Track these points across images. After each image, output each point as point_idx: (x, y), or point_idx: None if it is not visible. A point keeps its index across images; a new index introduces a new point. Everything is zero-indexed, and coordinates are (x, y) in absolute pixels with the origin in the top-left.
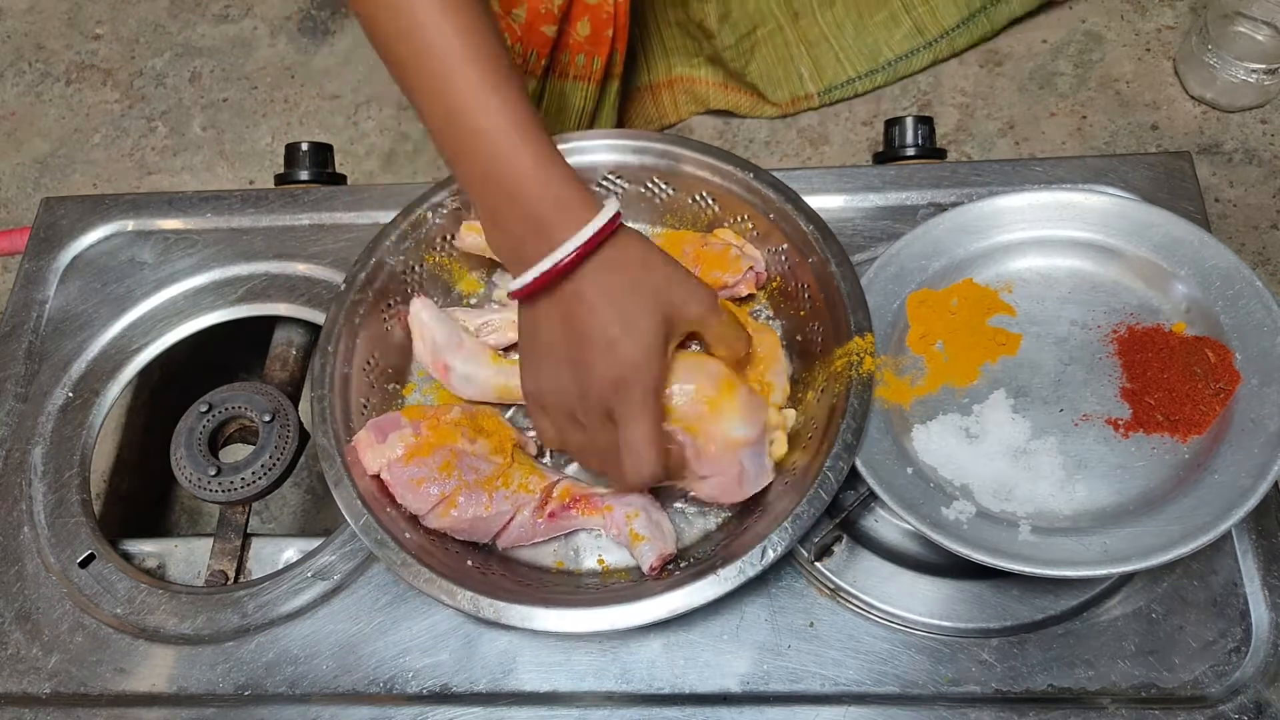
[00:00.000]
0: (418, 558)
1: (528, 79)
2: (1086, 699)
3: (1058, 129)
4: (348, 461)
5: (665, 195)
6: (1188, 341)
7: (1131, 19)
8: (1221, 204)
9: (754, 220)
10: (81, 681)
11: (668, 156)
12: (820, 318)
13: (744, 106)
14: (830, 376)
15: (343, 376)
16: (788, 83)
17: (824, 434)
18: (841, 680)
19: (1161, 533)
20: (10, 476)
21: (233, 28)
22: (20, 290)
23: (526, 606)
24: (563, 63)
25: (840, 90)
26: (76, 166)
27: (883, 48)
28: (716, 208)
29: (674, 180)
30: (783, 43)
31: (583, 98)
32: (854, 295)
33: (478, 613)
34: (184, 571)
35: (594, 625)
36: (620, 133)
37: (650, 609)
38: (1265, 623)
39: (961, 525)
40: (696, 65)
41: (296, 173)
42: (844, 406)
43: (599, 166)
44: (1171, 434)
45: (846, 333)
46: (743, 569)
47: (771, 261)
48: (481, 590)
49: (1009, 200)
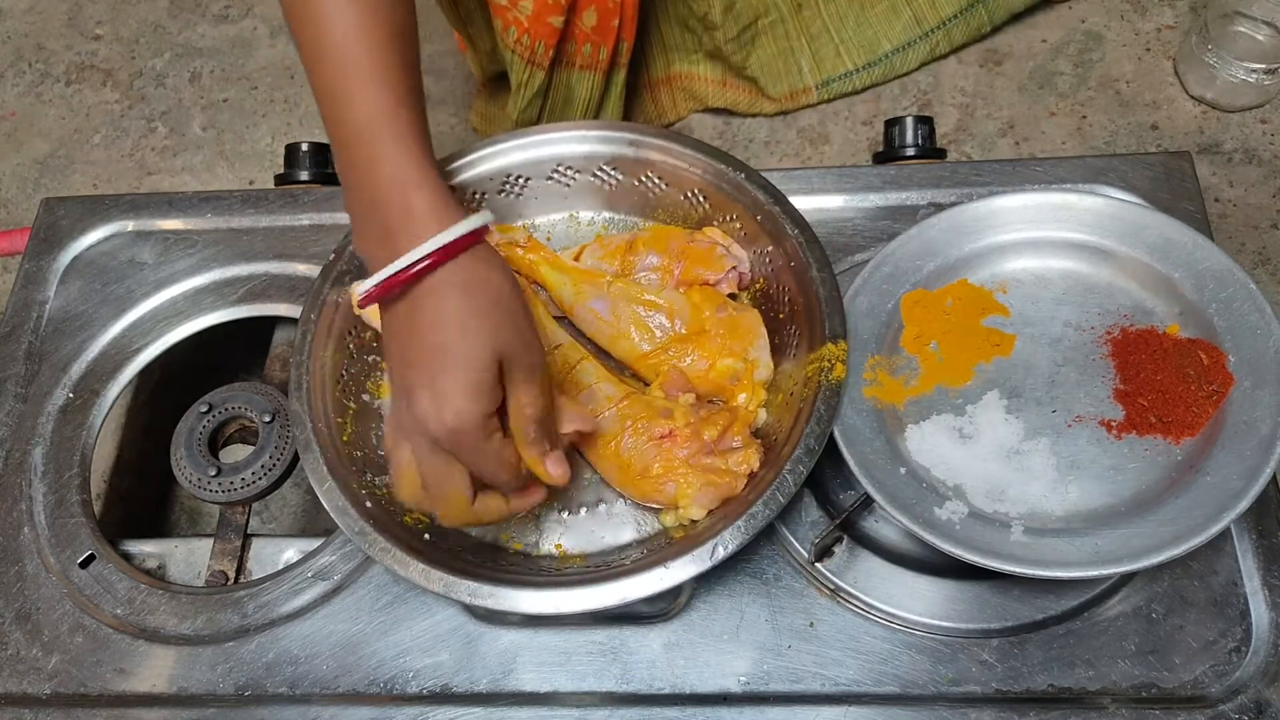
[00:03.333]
0: (376, 526)
1: (535, 72)
2: (1087, 699)
3: (1058, 129)
4: (318, 428)
5: (658, 190)
6: (1181, 343)
7: (1131, 19)
8: (1221, 204)
9: (743, 221)
10: (81, 682)
11: (662, 152)
12: (798, 322)
13: (741, 104)
14: (802, 380)
15: (322, 345)
16: (787, 76)
17: (788, 437)
18: (842, 680)
19: (1154, 534)
20: (10, 477)
21: (233, 28)
22: (20, 290)
23: (476, 583)
24: (569, 53)
25: (838, 84)
26: (76, 167)
27: (881, 39)
28: (707, 205)
29: (667, 175)
30: (784, 34)
31: (589, 88)
32: (831, 301)
33: (428, 585)
34: (184, 572)
35: (541, 607)
36: (617, 125)
37: (595, 595)
38: (1265, 622)
39: (954, 525)
40: (695, 62)
41: (296, 173)
42: (810, 411)
43: (596, 156)
44: (1164, 435)
45: (821, 338)
46: (693, 561)
47: (757, 263)
48: (436, 564)
49: (1004, 201)
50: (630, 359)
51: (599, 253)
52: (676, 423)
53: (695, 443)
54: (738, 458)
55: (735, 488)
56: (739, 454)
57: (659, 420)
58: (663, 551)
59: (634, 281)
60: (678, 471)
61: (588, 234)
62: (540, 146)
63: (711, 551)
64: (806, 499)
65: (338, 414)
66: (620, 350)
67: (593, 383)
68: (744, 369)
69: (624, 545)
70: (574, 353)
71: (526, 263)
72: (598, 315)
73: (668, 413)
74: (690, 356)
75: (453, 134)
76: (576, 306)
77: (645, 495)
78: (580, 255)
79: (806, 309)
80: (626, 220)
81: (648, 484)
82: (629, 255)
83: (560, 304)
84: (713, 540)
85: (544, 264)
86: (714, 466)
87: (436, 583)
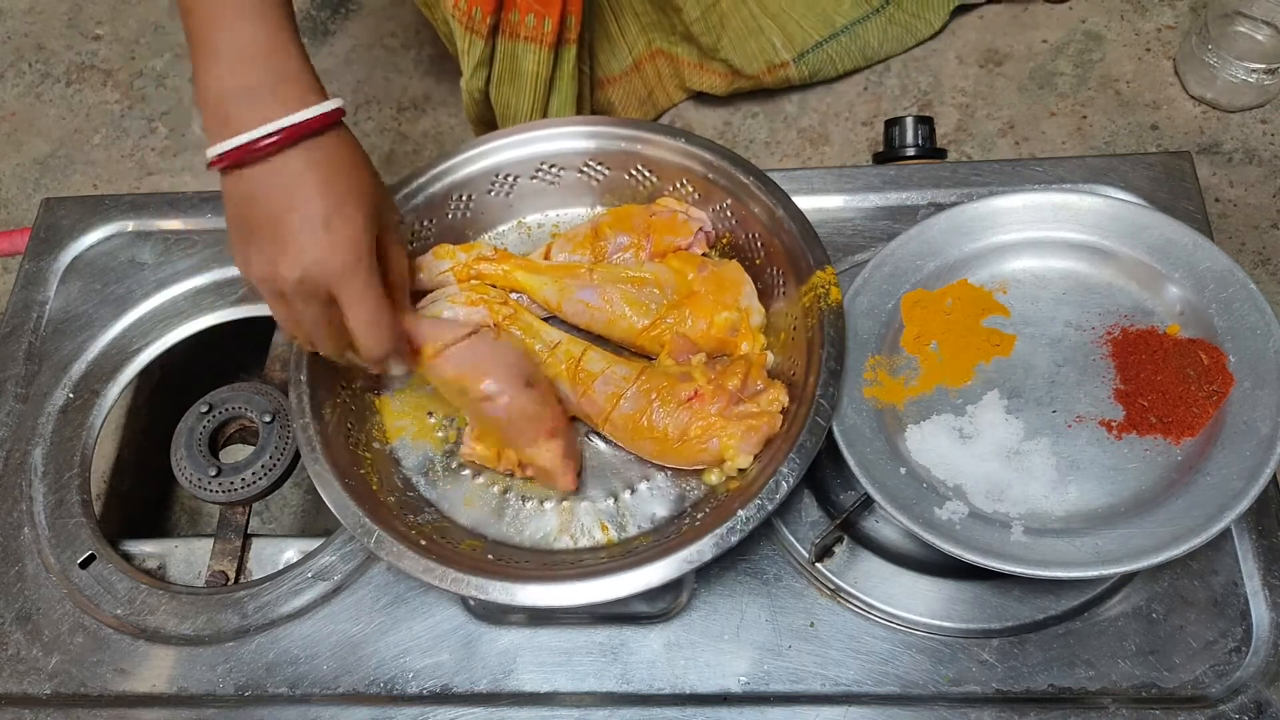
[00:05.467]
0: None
1: (474, 39)
2: (1087, 699)
3: (1058, 129)
4: (328, 434)
5: (601, 176)
6: (1181, 344)
7: (1131, 19)
8: (1221, 204)
9: (693, 183)
10: (82, 682)
11: (597, 138)
12: (777, 261)
13: (719, 87)
14: (801, 313)
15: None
16: (761, 54)
17: (807, 366)
18: (842, 680)
19: (1153, 534)
20: (10, 477)
21: None
22: (20, 291)
23: (473, 575)
24: (511, 22)
25: (814, 56)
26: (76, 167)
27: (834, 16)
28: (654, 179)
29: (608, 160)
30: (749, 14)
31: (535, 62)
32: (806, 233)
33: (430, 579)
34: (184, 572)
35: (562, 600)
36: (547, 122)
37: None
38: (1265, 622)
39: (954, 525)
40: (674, 43)
41: None
42: (821, 337)
43: (534, 157)
44: (1164, 436)
45: (807, 269)
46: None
47: (717, 219)
48: (440, 559)
49: (1004, 201)
50: (630, 337)
51: (567, 247)
52: (699, 382)
53: (723, 395)
54: (767, 397)
55: (775, 425)
56: (767, 394)
57: (681, 385)
58: (729, 500)
59: (613, 264)
60: (716, 426)
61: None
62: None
63: (776, 488)
64: (806, 499)
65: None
66: (619, 332)
67: (603, 370)
68: (739, 318)
69: (675, 516)
70: (575, 346)
71: (500, 274)
72: (588, 304)
73: (686, 376)
74: (688, 319)
75: (453, 134)
76: (564, 302)
77: (691, 458)
78: (549, 254)
79: (784, 247)
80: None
81: (689, 447)
82: (598, 242)
83: (546, 305)
84: (773, 478)
85: (518, 270)
86: (748, 412)
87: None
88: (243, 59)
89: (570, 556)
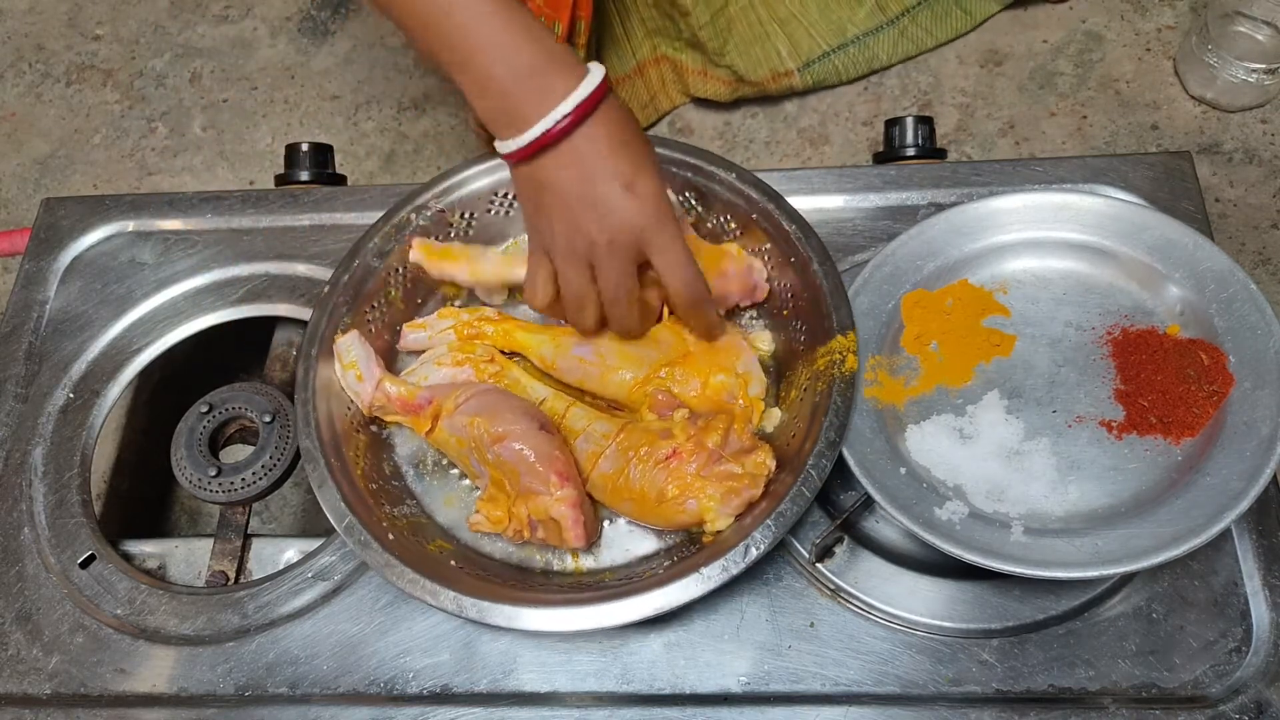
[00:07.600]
0: (401, 559)
1: None
2: (1087, 699)
3: (1058, 129)
4: (332, 465)
5: None
6: (1181, 344)
7: (1131, 19)
8: (1222, 204)
9: (736, 219)
10: (82, 682)
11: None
12: (803, 316)
13: (723, 94)
14: (813, 375)
15: (325, 380)
16: (766, 60)
17: (807, 432)
18: (842, 680)
19: (1153, 535)
20: (10, 477)
21: (233, 28)
22: (20, 291)
23: (511, 606)
24: None
25: (819, 67)
26: (77, 167)
27: (847, 25)
28: (700, 208)
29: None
30: (756, 20)
31: None
32: (836, 293)
33: (461, 612)
34: (184, 572)
35: (579, 624)
36: None
37: (636, 607)
38: (1266, 622)
39: (954, 526)
40: (679, 49)
41: (297, 173)
42: (827, 404)
43: None
44: (1164, 436)
45: (829, 331)
46: (726, 566)
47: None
48: (466, 591)
49: (1004, 201)
50: (623, 393)
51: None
52: (678, 439)
53: (701, 453)
54: (754, 460)
55: (756, 489)
56: (753, 456)
57: (660, 442)
58: (693, 558)
59: None
60: (693, 487)
61: None
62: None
63: (744, 552)
64: None
65: (350, 449)
66: (612, 388)
67: (585, 426)
68: (737, 383)
69: (650, 555)
70: (559, 402)
71: (501, 334)
72: (583, 360)
73: (666, 433)
74: (681, 378)
75: (453, 134)
76: (559, 359)
77: (670, 520)
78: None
79: (812, 303)
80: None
81: (668, 508)
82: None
83: (541, 363)
84: (744, 541)
85: (517, 330)
86: (729, 472)
87: (470, 609)
88: (512, 48)
89: (539, 579)
